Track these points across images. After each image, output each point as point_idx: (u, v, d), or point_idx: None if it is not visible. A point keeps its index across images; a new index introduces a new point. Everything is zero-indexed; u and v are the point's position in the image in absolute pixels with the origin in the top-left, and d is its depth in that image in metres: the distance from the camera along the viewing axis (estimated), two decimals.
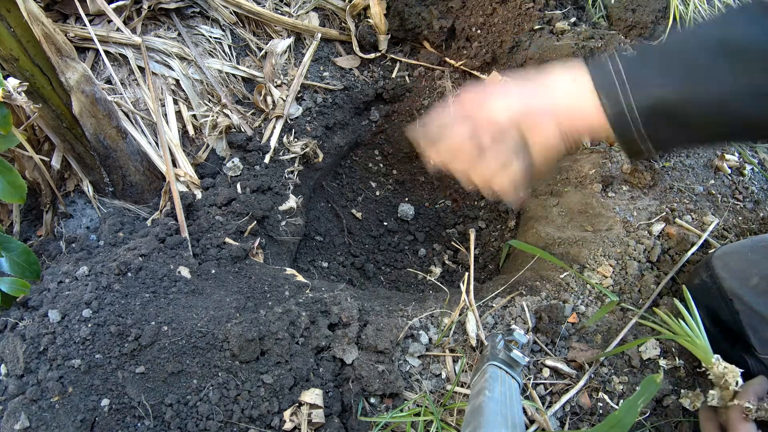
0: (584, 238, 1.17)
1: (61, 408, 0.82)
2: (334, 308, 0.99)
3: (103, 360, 0.85)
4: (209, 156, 1.31)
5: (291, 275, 1.12)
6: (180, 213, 1.11)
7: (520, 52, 1.49)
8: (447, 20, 1.55)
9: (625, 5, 1.53)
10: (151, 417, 0.84)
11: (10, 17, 0.96)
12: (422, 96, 1.64)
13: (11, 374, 0.84)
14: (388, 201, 1.79)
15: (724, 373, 0.75)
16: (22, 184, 0.95)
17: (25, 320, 0.89)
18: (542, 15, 1.48)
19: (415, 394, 0.92)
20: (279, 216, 1.30)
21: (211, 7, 1.42)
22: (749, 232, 1.14)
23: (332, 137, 1.58)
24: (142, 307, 0.91)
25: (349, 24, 1.58)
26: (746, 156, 1.29)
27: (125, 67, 1.28)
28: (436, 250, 1.74)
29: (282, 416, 0.86)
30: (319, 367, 0.92)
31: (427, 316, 1.04)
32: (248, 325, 0.89)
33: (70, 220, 1.17)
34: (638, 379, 0.92)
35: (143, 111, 1.26)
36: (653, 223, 1.14)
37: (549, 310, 1.00)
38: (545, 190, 1.47)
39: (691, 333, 0.79)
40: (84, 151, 1.16)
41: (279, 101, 1.39)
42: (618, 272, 1.07)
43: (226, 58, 1.42)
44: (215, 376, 0.88)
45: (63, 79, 1.03)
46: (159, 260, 1.00)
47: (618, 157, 1.30)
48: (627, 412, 0.73)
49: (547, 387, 0.94)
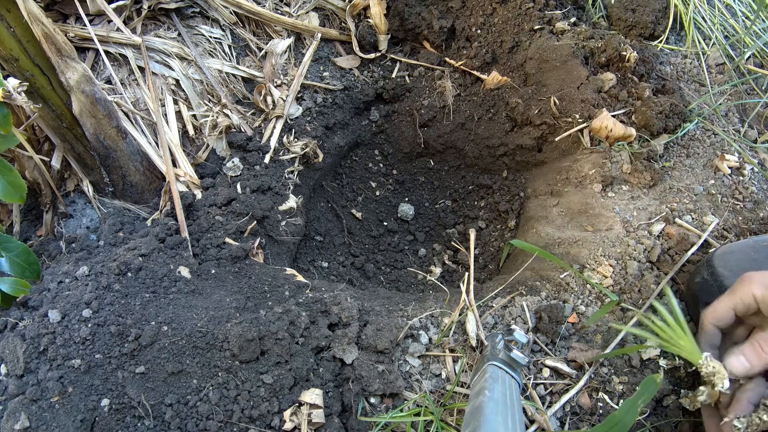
0: (584, 238, 1.17)
1: (61, 408, 0.82)
2: (334, 308, 0.99)
3: (103, 360, 0.85)
4: (209, 156, 1.31)
5: (291, 275, 1.12)
6: (180, 213, 1.11)
7: (520, 52, 1.49)
8: (447, 20, 1.55)
9: (625, 5, 1.53)
10: (151, 417, 0.84)
11: (10, 17, 0.96)
12: (422, 96, 1.64)
13: (11, 374, 0.84)
14: (388, 201, 1.79)
15: (713, 373, 0.75)
16: (22, 184, 0.95)
17: (25, 320, 0.89)
18: (542, 15, 1.48)
19: (415, 394, 0.92)
20: (279, 216, 1.30)
21: (211, 7, 1.42)
22: (749, 232, 1.14)
23: (332, 137, 1.58)
24: (142, 307, 0.91)
25: (349, 24, 1.58)
26: (746, 156, 1.29)
27: (125, 67, 1.28)
28: (436, 250, 1.74)
29: (282, 416, 0.86)
30: (319, 367, 0.92)
31: (427, 316, 1.04)
32: (248, 325, 0.89)
33: (70, 220, 1.17)
34: (638, 379, 0.92)
35: (143, 111, 1.26)
36: (653, 223, 1.14)
37: (549, 310, 1.00)
38: (545, 190, 1.47)
39: (674, 335, 0.77)
40: (84, 151, 1.16)
41: (279, 101, 1.39)
42: (618, 272, 1.07)
43: (226, 58, 1.42)
44: (215, 376, 0.88)
45: (63, 79, 1.03)
46: (159, 260, 1.00)
47: (618, 157, 1.30)
48: (627, 412, 0.73)
49: (547, 387, 0.94)
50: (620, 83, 1.39)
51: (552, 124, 1.44)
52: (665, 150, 1.30)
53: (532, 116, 1.46)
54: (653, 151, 1.27)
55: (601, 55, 1.39)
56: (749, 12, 1.63)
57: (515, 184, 1.65)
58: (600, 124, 1.30)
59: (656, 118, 1.28)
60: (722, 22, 1.60)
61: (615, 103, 1.35)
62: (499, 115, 1.58)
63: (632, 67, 1.39)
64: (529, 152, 1.56)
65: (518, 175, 1.65)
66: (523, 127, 1.53)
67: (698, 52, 1.54)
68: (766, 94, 1.47)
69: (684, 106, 1.34)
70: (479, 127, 1.63)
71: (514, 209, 1.62)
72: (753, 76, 1.48)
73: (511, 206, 1.62)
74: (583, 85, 1.37)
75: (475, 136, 1.64)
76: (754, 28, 1.56)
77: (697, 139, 1.33)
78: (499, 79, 1.52)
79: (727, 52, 1.53)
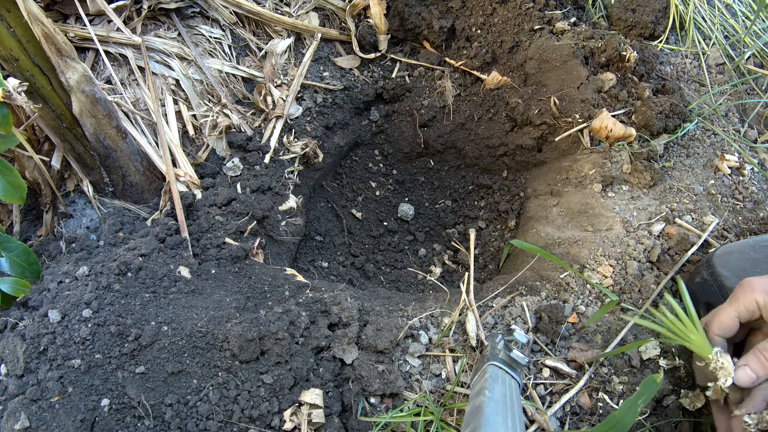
0: (584, 238, 1.17)
1: (61, 408, 0.82)
2: (334, 308, 0.99)
3: (103, 360, 0.85)
4: (209, 156, 1.31)
5: (291, 275, 1.12)
6: (180, 213, 1.11)
7: (520, 52, 1.49)
8: (447, 20, 1.55)
9: (625, 5, 1.53)
10: (151, 417, 0.84)
11: (10, 17, 0.96)
12: (422, 96, 1.64)
13: (11, 374, 0.84)
14: (388, 201, 1.79)
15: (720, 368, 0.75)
16: (22, 184, 0.95)
17: (25, 320, 0.89)
18: (542, 15, 1.48)
19: (415, 394, 0.92)
20: (279, 216, 1.30)
21: (211, 7, 1.42)
22: (749, 232, 1.14)
23: (332, 137, 1.58)
24: (142, 307, 0.91)
25: (349, 24, 1.58)
26: (746, 156, 1.29)
27: (125, 67, 1.28)
28: (436, 250, 1.74)
29: (282, 416, 0.86)
30: (319, 367, 0.92)
31: (427, 316, 1.04)
32: (248, 325, 0.89)
33: (70, 220, 1.17)
34: (638, 379, 0.92)
35: (143, 111, 1.26)
36: (653, 223, 1.14)
37: (549, 310, 1.00)
38: (545, 190, 1.47)
39: (686, 329, 0.78)
40: (84, 151, 1.16)
41: (279, 101, 1.39)
42: (618, 272, 1.07)
43: (226, 58, 1.42)
44: (215, 376, 0.88)
45: (63, 79, 1.03)
46: (159, 260, 1.00)
47: (618, 157, 1.30)
48: (627, 412, 0.73)
49: (547, 387, 0.94)
50: (620, 83, 1.39)
51: (552, 124, 1.44)
52: (665, 150, 1.30)
53: (532, 116, 1.46)
54: (653, 151, 1.27)
55: (601, 55, 1.39)
56: (749, 12, 1.63)
57: (515, 184, 1.65)
58: (600, 124, 1.30)
59: (656, 118, 1.28)
60: (722, 22, 1.60)
61: (615, 103, 1.35)
62: (499, 115, 1.58)
63: (632, 67, 1.39)
64: (529, 152, 1.56)
65: (518, 175, 1.65)
66: (523, 127, 1.53)
67: (698, 52, 1.54)
68: (766, 94, 1.47)
69: (684, 106, 1.34)
70: (479, 127, 1.63)
71: (514, 209, 1.62)
72: (753, 76, 1.48)
73: (511, 206, 1.62)
74: (583, 85, 1.37)
75: (475, 136, 1.65)
76: (754, 28, 1.56)
77: (697, 139, 1.33)
78: (499, 79, 1.52)
79: (727, 52, 1.53)
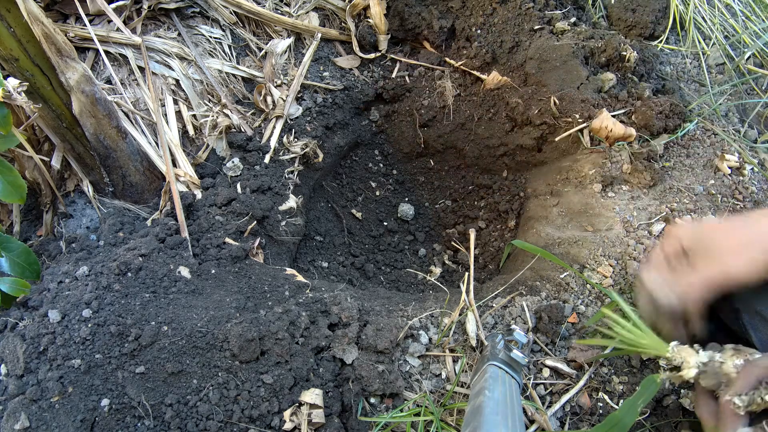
0: (584, 238, 1.17)
1: (61, 408, 0.82)
2: (334, 308, 0.99)
3: (103, 360, 0.85)
4: (209, 156, 1.31)
5: (291, 275, 1.12)
6: (180, 213, 1.11)
7: (520, 52, 1.49)
8: (447, 20, 1.55)
9: (625, 5, 1.54)
10: (151, 417, 0.84)
11: (10, 17, 0.96)
12: (422, 96, 1.64)
13: (11, 374, 0.84)
14: (388, 201, 1.79)
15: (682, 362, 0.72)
16: (22, 184, 0.95)
17: (25, 320, 0.89)
18: (542, 15, 1.48)
19: (415, 394, 0.92)
20: (279, 216, 1.30)
21: (211, 7, 1.42)
22: None
23: (332, 137, 1.58)
24: (142, 307, 0.91)
25: (349, 24, 1.58)
26: (746, 156, 1.29)
27: (125, 67, 1.28)
28: (436, 250, 1.74)
29: (282, 416, 0.86)
30: (319, 367, 0.92)
31: (427, 316, 1.04)
32: (248, 325, 0.89)
33: (70, 220, 1.17)
34: (638, 379, 0.92)
35: (143, 111, 1.26)
36: (653, 223, 1.14)
37: (549, 310, 1.00)
38: (545, 190, 1.47)
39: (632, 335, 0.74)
40: (84, 151, 1.16)
41: (279, 101, 1.39)
42: (618, 272, 1.07)
43: (226, 58, 1.42)
44: (215, 376, 0.88)
45: (63, 79, 1.03)
46: (159, 260, 1.00)
47: (618, 157, 1.30)
48: (627, 412, 0.73)
49: (547, 387, 0.94)
50: (620, 83, 1.39)
51: (552, 124, 1.44)
52: (665, 150, 1.30)
53: (532, 116, 1.46)
54: (653, 151, 1.27)
55: (601, 55, 1.40)
56: (749, 12, 1.63)
57: (515, 184, 1.65)
58: (600, 124, 1.30)
59: (656, 118, 1.28)
60: (722, 22, 1.60)
61: (615, 103, 1.35)
62: (499, 115, 1.58)
63: (632, 67, 1.39)
64: (529, 152, 1.56)
65: (518, 175, 1.65)
66: (523, 127, 1.53)
67: (698, 52, 1.54)
68: (766, 94, 1.47)
69: (684, 106, 1.34)
70: (479, 127, 1.63)
71: (514, 209, 1.62)
72: (753, 76, 1.48)
73: (511, 206, 1.62)
74: (583, 85, 1.37)
75: (475, 136, 1.65)
76: (754, 28, 1.56)
77: (697, 139, 1.33)
78: (499, 79, 1.52)
79: (727, 52, 1.53)
